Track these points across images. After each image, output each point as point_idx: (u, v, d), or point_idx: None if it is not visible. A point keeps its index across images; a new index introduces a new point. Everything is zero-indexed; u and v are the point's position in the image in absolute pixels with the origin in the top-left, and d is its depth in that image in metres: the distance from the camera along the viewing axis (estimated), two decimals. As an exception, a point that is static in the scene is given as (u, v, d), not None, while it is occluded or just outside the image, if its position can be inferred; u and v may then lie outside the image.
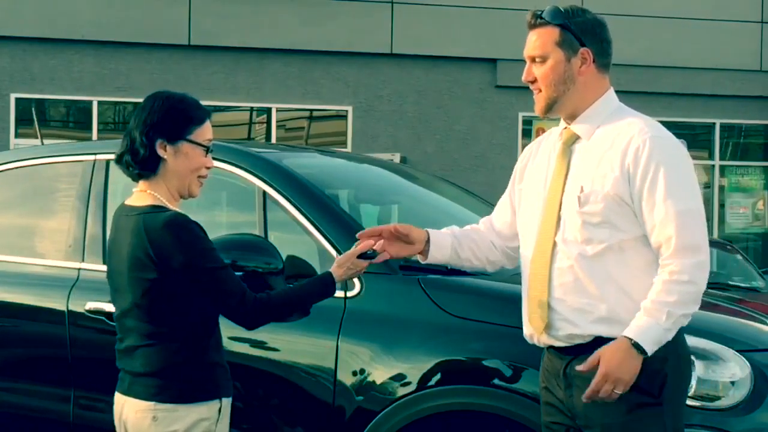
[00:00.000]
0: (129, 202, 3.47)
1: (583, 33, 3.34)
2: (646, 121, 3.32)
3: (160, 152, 3.38)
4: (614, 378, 3.13)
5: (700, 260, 3.20)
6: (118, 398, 3.47)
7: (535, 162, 3.51)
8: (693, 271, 3.19)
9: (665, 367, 3.23)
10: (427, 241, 3.59)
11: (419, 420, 4.07)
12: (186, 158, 3.41)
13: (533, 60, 3.37)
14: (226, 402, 3.43)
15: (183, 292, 3.33)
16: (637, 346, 3.14)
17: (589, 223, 3.26)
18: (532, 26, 3.37)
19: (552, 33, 3.33)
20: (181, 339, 3.36)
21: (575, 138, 3.37)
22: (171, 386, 3.35)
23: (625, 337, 3.15)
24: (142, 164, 3.39)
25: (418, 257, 3.64)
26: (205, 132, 3.44)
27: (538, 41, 3.35)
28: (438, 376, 4.08)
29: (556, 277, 3.31)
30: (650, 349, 3.15)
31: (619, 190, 3.24)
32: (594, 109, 3.36)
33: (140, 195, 3.44)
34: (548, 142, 3.51)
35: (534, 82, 3.38)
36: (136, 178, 3.45)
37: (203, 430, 3.35)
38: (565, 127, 3.42)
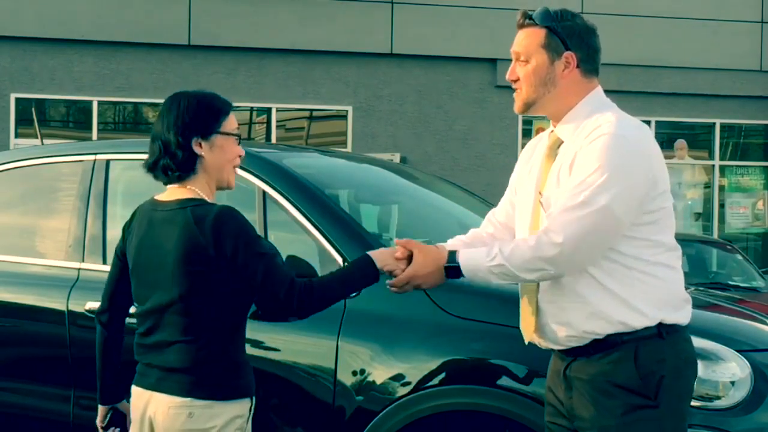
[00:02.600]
0: (162, 198, 3.49)
1: (569, 36, 3.31)
2: (620, 120, 3.24)
3: (197, 149, 3.42)
4: (416, 283, 3.41)
5: (553, 258, 3.14)
6: (141, 394, 3.45)
7: (530, 163, 3.49)
8: (536, 260, 3.16)
9: (662, 369, 3.20)
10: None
11: (419, 420, 4.07)
12: (221, 150, 3.47)
13: (518, 59, 3.36)
14: (254, 401, 3.46)
15: (228, 286, 3.34)
16: (448, 270, 3.32)
17: None
18: (521, 26, 3.37)
19: (538, 34, 3.32)
20: (216, 335, 3.37)
21: (560, 142, 3.35)
22: (207, 382, 3.35)
23: (447, 257, 3.33)
24: (182, 166, 3.43)
25: None
26: (232, 121, 3.52)
27: (524, 41, 3.35)
28: (438, 376, 4.08)
29: (543, 282, 3.30)
30: (465, 274, 3.29)
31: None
32: (576, 111, 3.33)
33: (176, 190, 3.46)
34: (542, 143, 3.48)
35: (517, 81, 3.37)
36: (176, 181, 3.46)
37: (237, 428, 3.36)
38: (551, 130, 3.41)
